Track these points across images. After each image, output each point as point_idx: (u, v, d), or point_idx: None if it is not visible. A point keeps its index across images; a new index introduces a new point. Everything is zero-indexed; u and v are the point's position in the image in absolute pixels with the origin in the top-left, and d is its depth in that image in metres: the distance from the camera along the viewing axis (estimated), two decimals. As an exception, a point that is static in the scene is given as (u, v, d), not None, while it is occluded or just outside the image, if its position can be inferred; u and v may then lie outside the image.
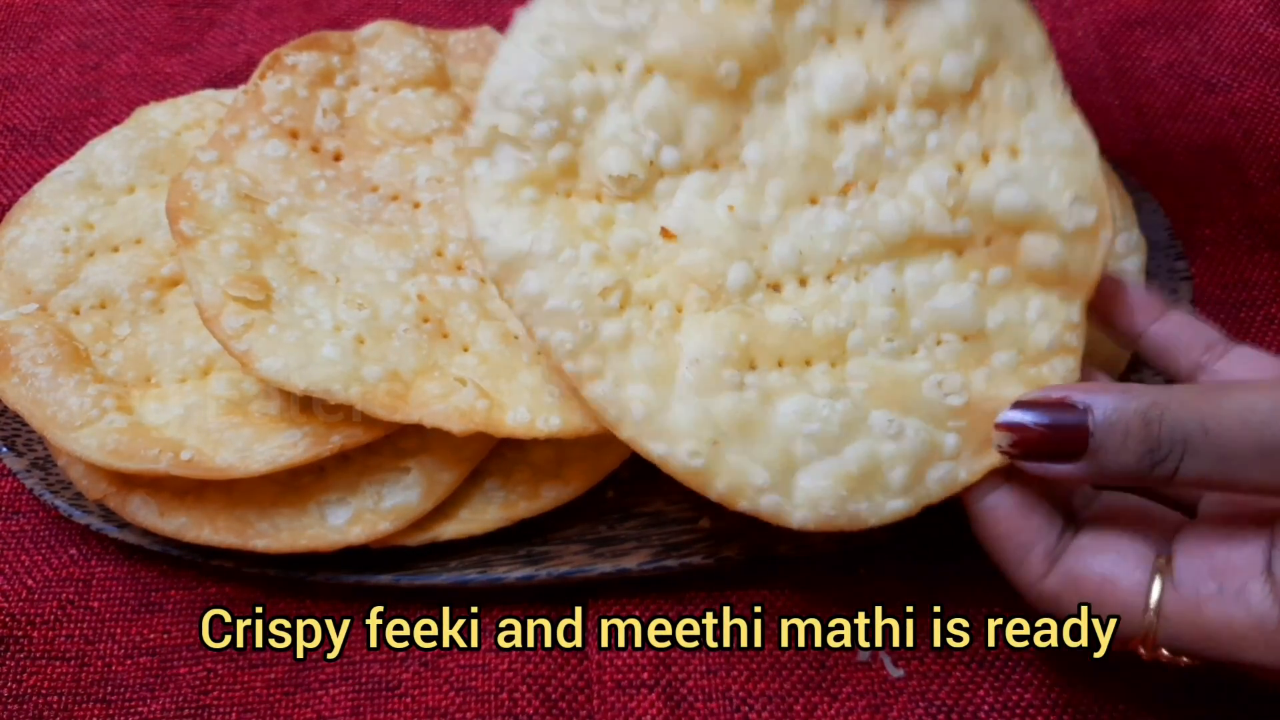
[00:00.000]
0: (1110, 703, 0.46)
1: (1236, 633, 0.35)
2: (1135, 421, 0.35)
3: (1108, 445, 0.36)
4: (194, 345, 0.48)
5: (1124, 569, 0.37)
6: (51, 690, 0.47)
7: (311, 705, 0.47)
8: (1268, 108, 0.68)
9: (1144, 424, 0.35)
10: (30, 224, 0.52)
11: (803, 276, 0.42)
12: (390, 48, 0.55)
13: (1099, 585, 0.37)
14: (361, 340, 0.45)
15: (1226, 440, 0.34)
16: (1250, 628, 0.34)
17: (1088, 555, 0.38)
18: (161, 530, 0.46)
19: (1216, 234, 0.62)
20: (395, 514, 0.46)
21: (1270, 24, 0.73)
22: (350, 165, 0.51)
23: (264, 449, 0.44)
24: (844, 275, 0.42)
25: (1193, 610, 0.35)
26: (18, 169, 0.67)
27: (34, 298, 0.50)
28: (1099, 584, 0.37)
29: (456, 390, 0.44)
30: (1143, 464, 0.35)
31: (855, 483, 0.39)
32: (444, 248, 0.49)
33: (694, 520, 0.50)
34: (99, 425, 0.45)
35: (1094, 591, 0.37)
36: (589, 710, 0.46)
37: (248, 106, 0.51)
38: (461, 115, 0.54)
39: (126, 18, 0.77)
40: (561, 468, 0.49)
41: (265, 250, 0.46)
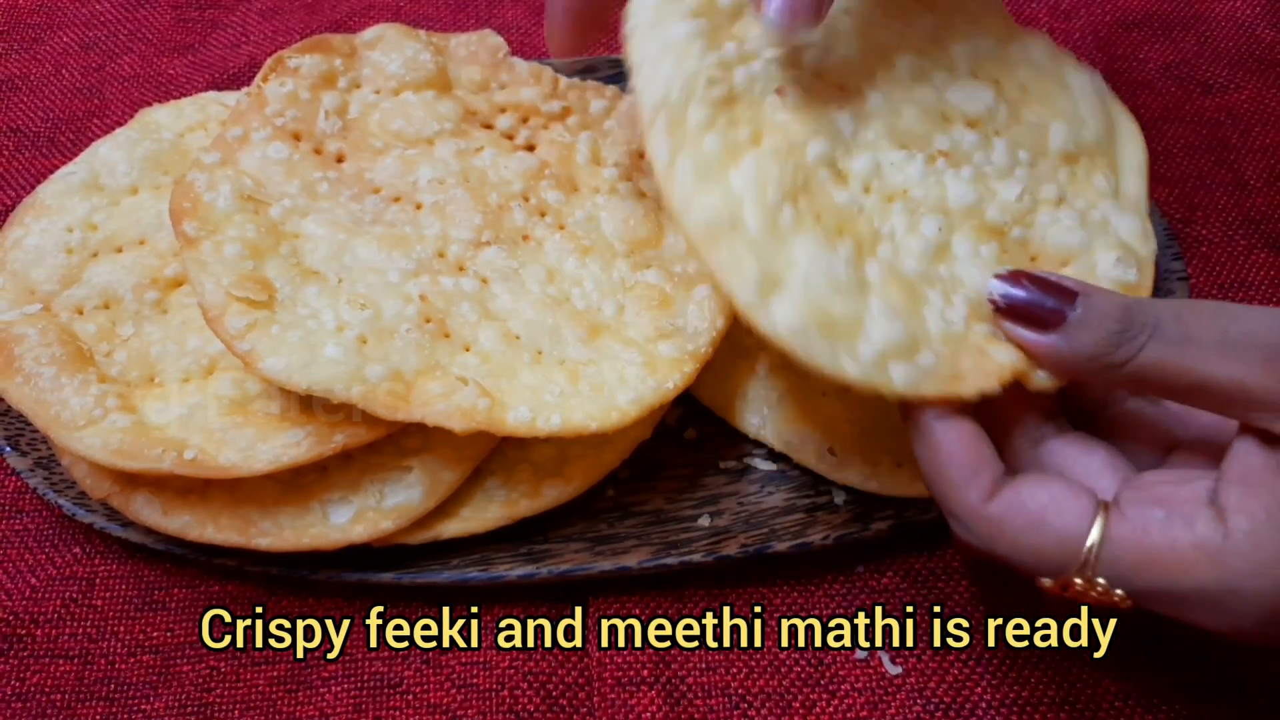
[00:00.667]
0: (1107, 700, 0.46)
1: (1180, 554, 0.35)
2: (1115, 304, 0.37)
3: (1085, 320, 0.37)
4: (197, 345, 0.49)
5: (1068, 499, 0.37)
6: (55, 688, 0.47)
7: (314, 703, 0.47)
8: (1264, 108, 0.68)
9: (1123, 307, 0.37)
10: (34, 224, 0.52)
11: (868, 185, 0.45)
12: (392, 50, 0.55)
13: (1041, 511, 0.37)
14: (364, 340, 0.45)
15: (1193, 324, 0.36)
16: (1194, 548, 0.35)
17: (1033, 485, 0.38)
18: (165, 529, 0.47)
19: (1213, 234, 0.62)
20: (397, 513, 0.47)
21: (1267, 25, 0.73)
22: (352, 167, 0.51)
23: (267, 448, 0.45)
24: (901, 204, 0.45)
25: (1138, 533, 0.36)
26: (21, 170, 0.67)
27: (38, 298, 0.50)
28: (1041, 510, 0.37)
29: (458, 389, 0.44)
30: (1110, 342, 0.37)
31: (827, 327, 0.40)
32: (446, 249, 0.49)
33: (694, 519, 0.50)
34: (102, 425, 0.45)
35: (1035, 518, 0.37)
36: (589, 707, 0.46)
37: (250, 108, 0.51)
38: (462, 117, 0.54)
39: (129, 19, 0.77)
40: (563, 466, 0.49)
41: (268, 251, 0.47)
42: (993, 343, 0.41)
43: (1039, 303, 0.39)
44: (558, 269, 0.50)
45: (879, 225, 0.44)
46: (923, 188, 0.45)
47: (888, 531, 0.49)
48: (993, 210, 0.45)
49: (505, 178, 0.52)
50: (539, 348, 0.47)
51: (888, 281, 0.42)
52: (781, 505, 0.50)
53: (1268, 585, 0.34)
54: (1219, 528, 0.35)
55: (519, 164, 0.53)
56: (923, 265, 0.43)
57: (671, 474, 0.52)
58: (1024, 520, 0.37)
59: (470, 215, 0.50)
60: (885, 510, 0.49)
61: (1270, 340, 0.35)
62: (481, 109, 0.55)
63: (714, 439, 0.53)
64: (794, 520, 0.49)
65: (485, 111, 0.55)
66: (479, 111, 0.55)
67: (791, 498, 0.50)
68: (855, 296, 0.41)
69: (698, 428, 0.53)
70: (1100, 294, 0.38)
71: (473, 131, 0.54)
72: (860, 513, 0.49)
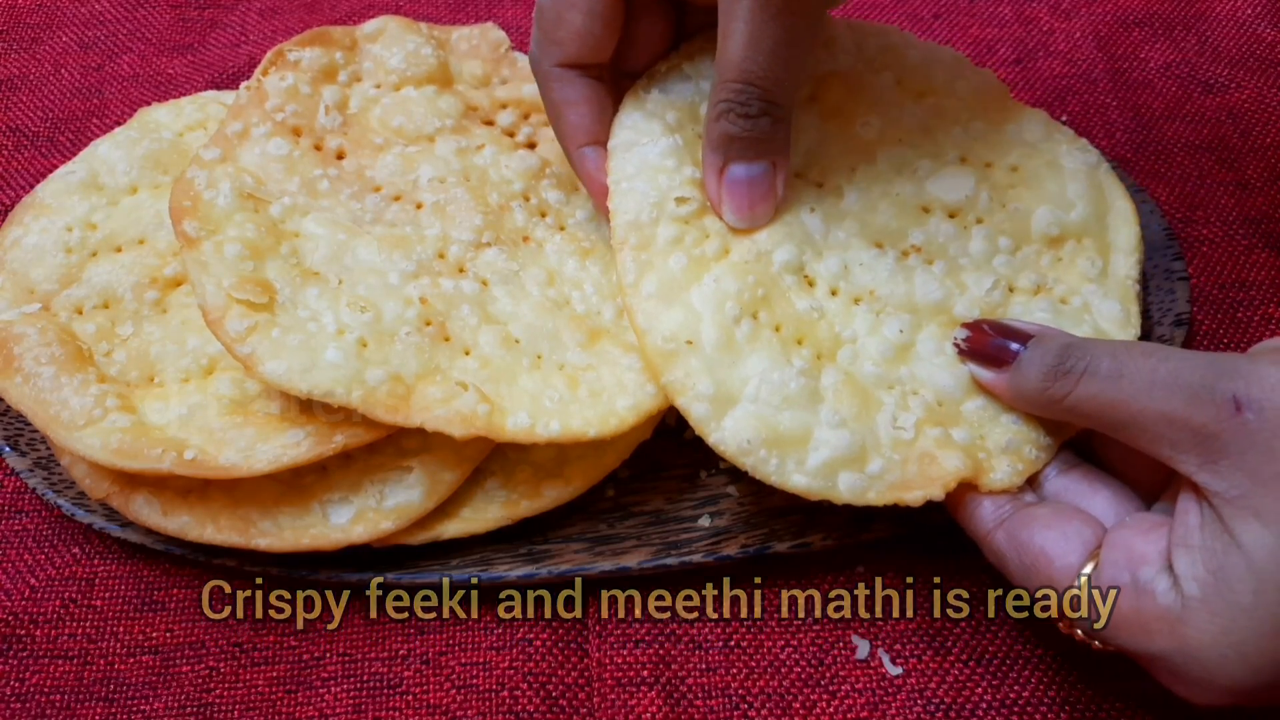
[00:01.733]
0: (1107, 701, 0.46)
1: (1144, 623, 0.37)
2: (1059, 343, 0.41)
3: (1030, 358, 0.42)
4: (197, 345, 0.49)
5: (1062, 549, 0.40)
6: (54, 689, 0.47)
7: (313, 703, 0.47)
8: (1265, 108, 0.68)
9: (1065, 346, 0.41)
10: (33, 224, 0.52)
11: (834, 288, 0.46)
12: (393, 44, 0.55)
13: (1036, 558, 0.40)
14: (364, 343, 0.45)
15: (1127, 363, 0.38)
16: (1156, 619, 0.36)
17: (1036, 526, 0.41)
18: (164, 529, 0.47)
19: (1214, 234, 0.62)
20: (397, 513, 0.47)
21: (1268, 25, 0.73)
22: (353, 164, 0.51)
23: (267, 448, 0.45)
24: (866, 305, 0.46)
25: (1107, 597, 0.38)
26: (21, 169, 0.67)
27: (37, 297, 0.50)
28: (1036, 556, 0.40)
29: (458, 395, 0.44)
30: (1049, 378, 0.40)
31: (775, 442, 0.42)
32: (446, 250, 0.49)
33: (693, 519, 0.50)
34: (102, 425, 0.45)
35: (1031, 562, 0.40)
36: (589, 708, 0.46)
37: (250, 103, 0.51)
38: (463, 114, 0.54)
39: (129, 19, 0.77)
40: (563, 467, 0.49)
41: (268, 251, 0.46)
42: (942, 448, 0.43)
43: (994, 344, 0.43)
44: (558, 271, 0.50)
45: (840, 330, 0.46)
46: (890, 285, 0.46)
47: (887, 531, 0.49)
48: (961, 305, 0.47)
49: (506, 177, 0.52)
50: (539, 352, 0.47)
51: (841, 390, 0.44)
52: (781, 505, 0.50)
53: (1227, 657, 0.35)
54: (1176, 597, 0.36)
55: (520, 163, 0.53)
56: (882, 368, 0.45)
57: (671, 474, 0.52)
58: (1020, 560, 0.41)
59: (471, 215, 0.50)
60: (885, 511, 0.49)
61: (1194, 381, 0.37)
62: (482, 105, 0.55)
63: (714, 439, 0.53)
64: (794, 520, 0.49)
65: (486, 107, 0.55)
66: (480, 107, 0.55)
67: (791, 498, 0.50)
68: (806, 409, 0.43)
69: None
70: (1049, 335, 0.42)
71: (473, 128, 0.54)
72: (860, 513, 0.49)
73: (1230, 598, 0.35)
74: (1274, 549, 0.34)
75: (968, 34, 0.74)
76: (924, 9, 0.76)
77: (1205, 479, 0.36)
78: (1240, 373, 0.36)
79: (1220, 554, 0.35)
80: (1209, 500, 0.36)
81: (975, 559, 0.43)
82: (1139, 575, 0.37)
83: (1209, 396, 0.36)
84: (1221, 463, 0.36)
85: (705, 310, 0.44)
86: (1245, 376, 0.36)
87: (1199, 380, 0.36)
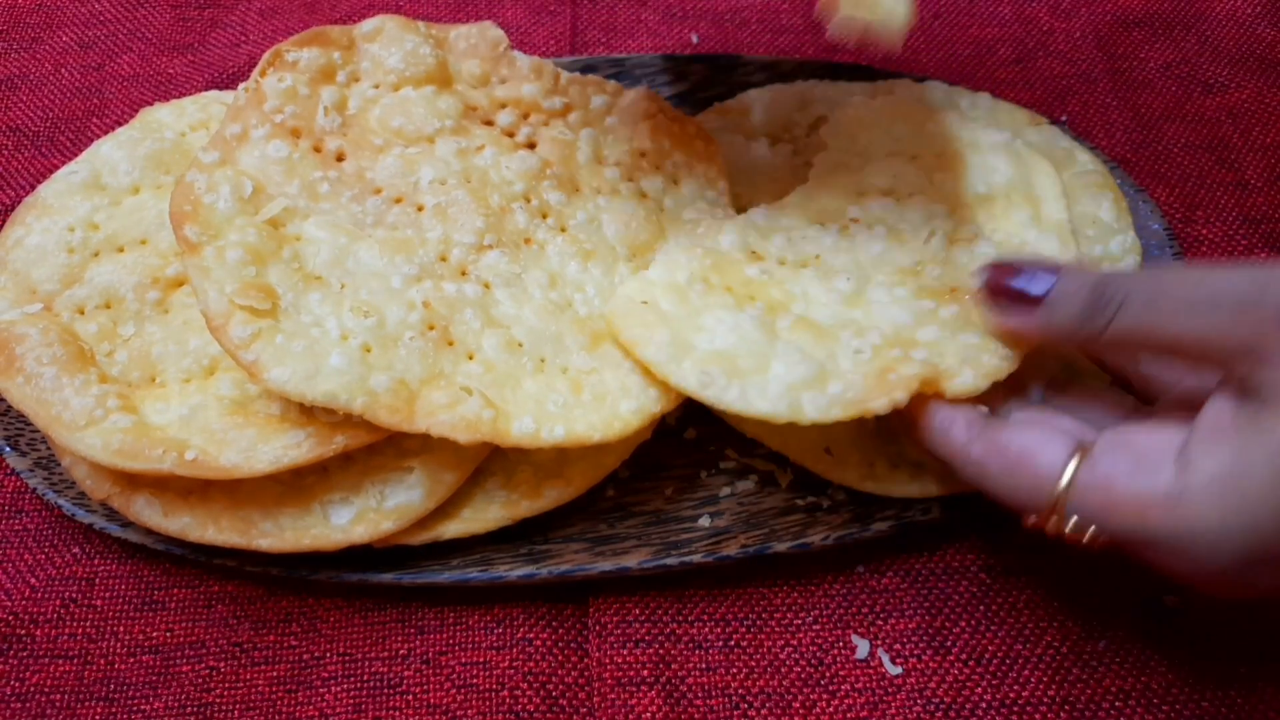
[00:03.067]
0: (1106, 701, 0.46)
1: (1142, 503, 0.37)
2: (1089, 279, 0.40)
3: (1061, 296, 0.41)
4: (198, 346, 0.48)
5: (1045, 445, 0.40)
6: (54, 688, 0.47)
7: (314, 703, 0.47)
8: (1265, 108, 0.68)
9: (1099, 281, 0.40)
10: (35, 224, 0.52)
11: (781, 258, 0.49)
12: (391, 44, 0.54)
13: (1019, 455, 0.40)
14: (368, 349, 0.45)
15: (1163, 286, 0.38)
16: (1155, 497, 0.36)
17: (1015, 429, 0.41)
18: (166, 530, 0.47)
19: (1214, 234, 0.62)
20: (398, 513, 0.47)
21: (1267, 24, 0.73)
22: (353, 166, 0.51)
23: (268, 449, 0.45)
24: (814, 269, 0.49)
25: (1105, 481, 0.38)
26: (21, 169, 0.67)
27: (39, 298, 0.50)
28: (1019, 454, 0.40)
29: (462, 400, 0.44)
30: (1085, 315, 0.40)
31: (734, 372, 0.44)
32: (448, 252, 0.49)
33: (694, 519, 0.50)
34: (103, 425, 0.45)
35: (1014, 461, 0.40)
36: (589, 707, 0.46)
37: (249, 105, 0.51)
38: (463, 114, 0.54)
39: (129, 18, 0.77)
40: (563, 467, 0.49)
41: (270, 256, 0.46)
42: (901, 364, 0.44)
43: (1019, 287, 0.42)
44: (560, 273, 0.50)
45: (791, 288, 0.48)
46: (834, 251, 0.49)
47: (888, 531, 0.49)
48: (904, 257, 0.48)
49: (506, 178, 0.52)
50: (542, 355, 0.47)
51: (797, 328, 0.45)
52: (781, 505, 0.50)
53: (1227, 535, 0.35)
54: (1181, 479, 0.36)
55: (520, 163, 0.52)
56: (837, 314, 0.46)
57: (671, 474, 0.52)
58: (1003, 462, 0.40)
59: (472, 218, 0.50)
60: (885, 510, 0.49)
61: (1237, 296, 0.36)
62: (482, 104, 0.55)
63: (714, 439, 0.53)
64: (794, 520, 0.49)
65: (485, 107, 0.55)
66: (479, 107, 0.55)
67: (791, 498, 0.50)
68: (764, 345, 0.45)
69: (698, 428, 0.53)
70: (1074, 271, 0.41)
71: (473, 129, 0.54)
72: (860, 513, 0.49)
73: (1243, 483, 0.35)
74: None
75: (968, 34, 0.74)
76: (924, 9, 0.76)
77: (1249, 373, 0.36)
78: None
79: (1244, 445, 0.35)
80: (1249, 398, 0.36)
81: (976, 559, 0.43)
82: (1142, 461, 0.37)
83: (1255, 309, 0.35)
84: (1269, 363, 0.35)
85: (659, 279, 0.48)
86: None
87: (1243, 295, 0.36)
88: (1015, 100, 0.64)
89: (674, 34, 0.74)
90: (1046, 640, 0.48)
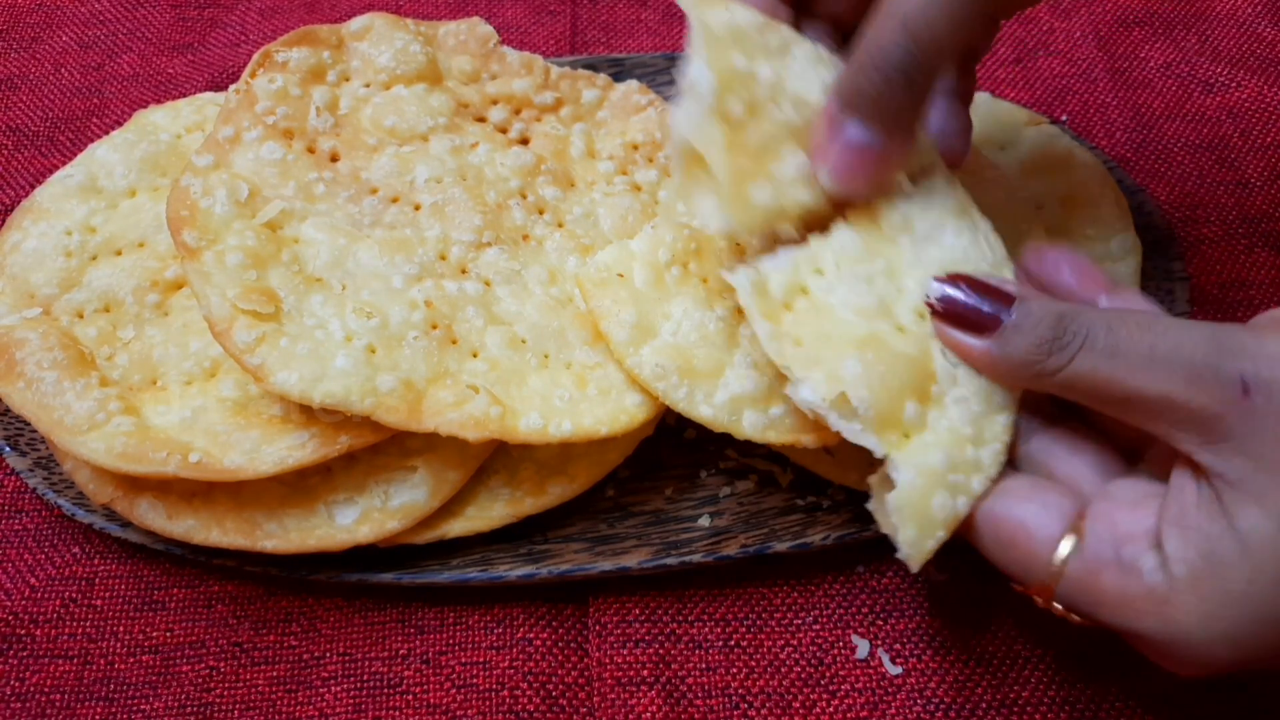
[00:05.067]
0: (1107, 701, 0.46)
1: (1128, 601, 0.36)
2: (1050, 314, 0.38)
3: (1020, 326, 0.38)
4: (199, 348, 0.48)
5: (1040, 521, 0.38)
6: (54, 688, 0.47)
7: (313, 703, 0.47)
8: (1265, 107, 0.68)
9: (1057, 317, 0.37)
10: (32, 228, 0.52)
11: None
12: (381, 42, 0.54)
13: (1014, 531, 0.39)
14: (373, 349, 0.45)
15: (1124, 337, 0.36)
16: (1141, 598, 0.36)
17: (1012, 499, 0.39)
18: (170, 533, 0.47)
19: (1214, 233, 0.62)
20: (403, 513, 0.47)
21: (1268, 24, 0.73)
22: (347, 166, 0.51)
23: (272, 450, 0.45)
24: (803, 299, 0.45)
25: (1091, 575, 0.37)
26: (20, 169, 0.67)
27: (37, 302, 0.50)
28: (1014, 530, 0.39)
29: (469, 398, 0.44)
30: (1041, 350, 0.37)
31: (688, 372, 0.44)
32: (447, 251, 0.49)
33: (693, 519, 0.50)
34: (106, 429, 0.45)
35: (1009, 536, 0.39)
36: (589, 707, 0.46)
37: (240, 106, 0.50)
38: (455, 111, 0.54)
39: (129, 18, 0.77)
40: (567, 464, 0.49)
41: (270, 259, 0.46)
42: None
43: (975, 306, 0.39)
44: (559, 269, 0.50)
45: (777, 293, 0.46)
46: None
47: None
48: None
49: (502, 174, 0.52)
50: (545, 351, 0.47)
51: (758, 340, 0.43)
52: (781, 505, 0.50)
53: (1211, 639, 0.35)
54: (1164, 577, 0.35)
55: (515, 160, 0.53)
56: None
57: (671, 474, 0.52)
58: (997, 535, 0.39)
59: (470, 215, 0.50)
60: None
61: (1195, 358, 0.35)
62: (473, 101, 0.55)
63: (714, 439, 0.52)
64: (794, 520, 0.49)
65: (477, 104, 0.55)
66: (471, 104, 0.55)
67: (791, 497, 0.50)
68: (722, 349, 0.45)
69: (698, 428, 0.53)
70: (1036, 301, 0.39)
71: (466, 126, 0.54)
72: (860, 513, 0.49)
73: (1222, 583, 0.34)
74: (1273, 537, 0.33)
75: (968, 33, 0.74)
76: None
77: (1206, 459, 0.35)
78: (1247, 351, 0.34)
79: (1215, 538, 0.34)
80: (1208, 480, 0.35)
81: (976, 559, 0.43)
82: (1124, 553, 0.36)
83: (1214, 377, 0.34)
84: (1224, 445, 0.34)
85: (640, 251, 0.48)
86: (1253, 356, 0.34)
87: (1203, 358, 0.35)
88: (1015, 100, 0.64)
89: (674, 34, 0.74)
90: (1047, 640, 0.48)
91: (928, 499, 0.39)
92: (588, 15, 0.76)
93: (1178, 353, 0.35)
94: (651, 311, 0.46)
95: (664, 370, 0.44)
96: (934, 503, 0.39)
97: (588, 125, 0.56)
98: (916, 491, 0.39)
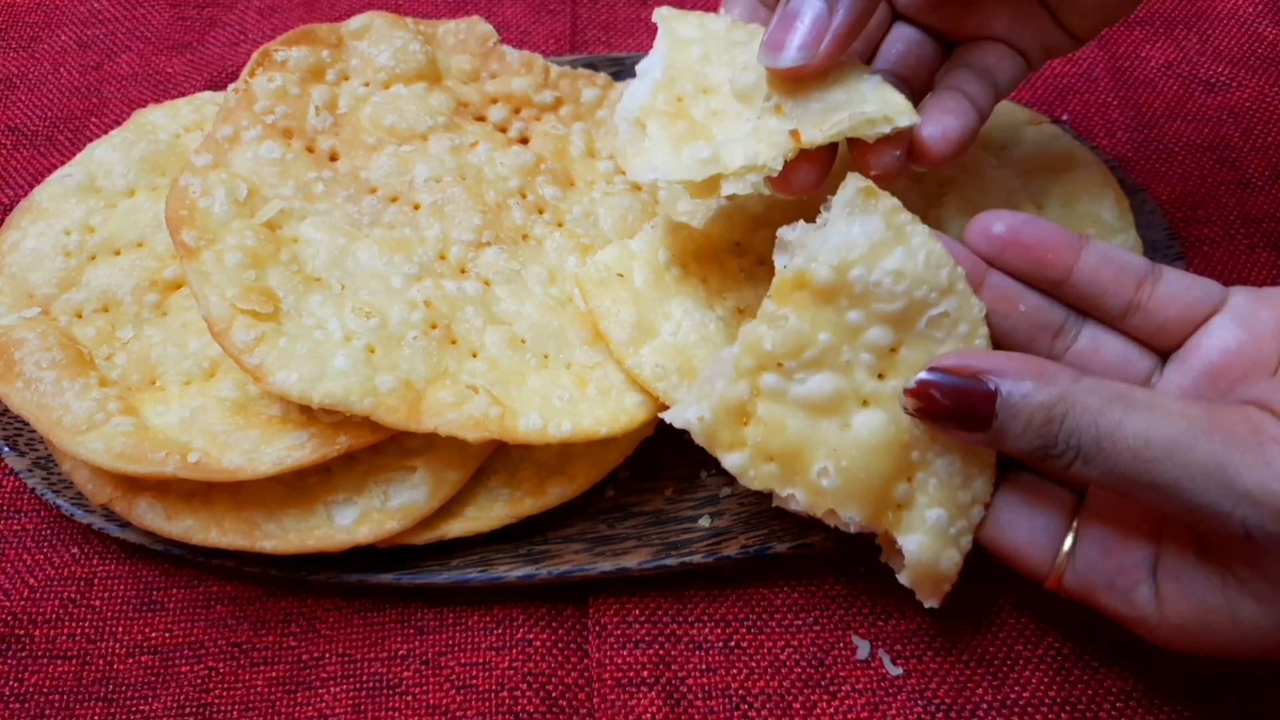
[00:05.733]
0: (1107, 701, 0.46)
1: (1120, 616, 0.40)
2: (1038, 414, 0.36)
3: (1009, 429, 0.37)
4: (198, 348, 0.48)
5: (1034, 545, 0.41)
6: (53, 689, 0.47)
7: (313, 703, 0.47)
8: (1266, 107, 0.68)
9: (1046, 420, 0.36)
10: (31, 228, 0.52)
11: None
12: (380, 41, 0.54)
13: (1010, 554, 0.42)
14: (372, 350, 0.45)
15: (1116, 462, 0.35)
16: (1132, 618, 0.39)
17: (1004, 523, 0.42)
18: (169, 534, 0.46)
19: (1215, 233, 0.62)
20: (402, 513, 0.47)
21: (1269, 23, 0.73)
22: (347, 166, 0.51)
23: (271, 451, 0.44)
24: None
25: (1086, 592, 0.40)
26: (19, 169, 0.67)
27: (36, 302, 0.50)
28: (1010, 553, 0.42)
29: (469, 398, 0.44)
30: (1037, 454, 0.37)
31: (688, 371, 0.45)
32: (447, 250, 0.49)
33: (693, 519, 0.50)
34: (105, 429, 0.45)
35: (1007, 557, 0.42)
36: (589, 708, 0.46)
37: (239, 106, 0.50)
38: (454, 110, 0.54)
39: (128, 17, 0.77)
40: (566, 464, 0.49)
41: (269, 259, 0.46)
42: None
43: (956, 409, 0.38)
44: (559, 268, 0.50)
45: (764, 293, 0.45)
46: None
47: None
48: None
49: (501, 174, 0.52)
50: (545, 351, 0.47)
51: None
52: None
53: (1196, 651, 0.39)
54: (1155, 609, 0.38)
55: (514, 159, 0.52)
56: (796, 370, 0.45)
57: (671, 474, 0.52)
58: (1000, 552, 0.42)
59: (469, 215, 0.50)
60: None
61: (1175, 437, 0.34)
62: (473, 100, 0.55)
63: (714, 439, 0.52)
64: (794, 520, 0.49)
65: (477, 103, 0.55)
66: (470, 103, 0.55)
67: (791, 498, 0.50)
68: (720, 349, 0.44)
69: (698, 428, 0.53)
70: (1015, 396, 0.37)
71: (465, 125, 0.54)
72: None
73: (1212, 637, 0.37)
74: (1266, 630, 0.36)
75: (968, 32, 0.73)
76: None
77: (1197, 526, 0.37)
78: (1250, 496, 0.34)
79: (1211, 609, 0.37)
80: (1203, 541, 0.37)
81: (976, 560, 0.43)
82: (1117, 582, 0.39)
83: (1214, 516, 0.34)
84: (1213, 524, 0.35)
85: (640, 251, 0.48)
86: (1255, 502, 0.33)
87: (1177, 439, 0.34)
88: (1015, 100, 0.64)
89: (674, 33, 0.74)
90: (1047, 640, 0.47)
91: (936, 562, 0.41)
92: (588, 14, 0.76)
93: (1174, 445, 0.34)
94: (651, 311, 0.46)
95: (664, 370, 0.44)
96: (942, 563, 0.42)
97: (587, 124, 0.56)
98: (925, 559, 0.41)
